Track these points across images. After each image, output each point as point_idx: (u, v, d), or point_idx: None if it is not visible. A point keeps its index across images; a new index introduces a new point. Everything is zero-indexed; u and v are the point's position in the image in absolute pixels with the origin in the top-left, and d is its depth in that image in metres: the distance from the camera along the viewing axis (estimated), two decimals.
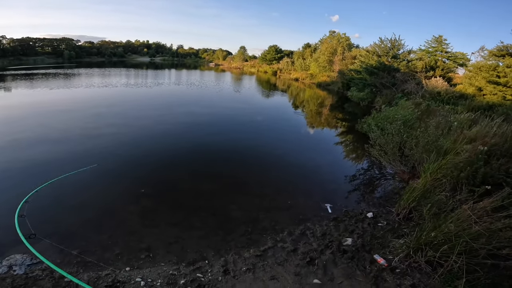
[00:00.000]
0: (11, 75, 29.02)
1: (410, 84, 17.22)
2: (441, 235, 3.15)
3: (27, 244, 2.75)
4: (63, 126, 10.38)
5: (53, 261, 3.62)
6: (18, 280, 3.27)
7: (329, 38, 36.37)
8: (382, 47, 22.12)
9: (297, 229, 4.61)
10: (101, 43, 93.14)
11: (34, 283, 3.24)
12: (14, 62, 51.72)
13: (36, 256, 2.68)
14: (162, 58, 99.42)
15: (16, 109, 13.08)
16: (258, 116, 14.65)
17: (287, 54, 53.62)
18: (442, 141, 6.09)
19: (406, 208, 4.60)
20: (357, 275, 3.42)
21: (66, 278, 3.32)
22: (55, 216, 4.84)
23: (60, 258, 3.75)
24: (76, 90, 19.98)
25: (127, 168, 7.03)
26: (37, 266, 3.56)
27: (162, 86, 25.04)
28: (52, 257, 3.74)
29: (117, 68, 48.06)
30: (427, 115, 10.58)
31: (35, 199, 4.82)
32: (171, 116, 13.34)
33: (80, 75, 31.69)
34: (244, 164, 7.82)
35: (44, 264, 3.57)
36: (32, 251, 2.85)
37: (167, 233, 4.45)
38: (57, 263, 3.60)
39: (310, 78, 35.33)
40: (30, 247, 2.61)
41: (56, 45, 73.09)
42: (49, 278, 3.32)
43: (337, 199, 5.83)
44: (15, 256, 3.70)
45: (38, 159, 7.16)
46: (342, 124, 14.03)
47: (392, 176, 7.13)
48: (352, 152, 9.56)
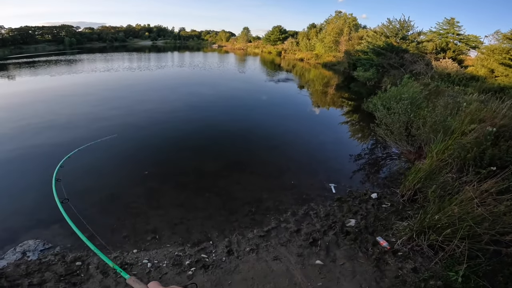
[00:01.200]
0: (13, 64, 28.92)
1: (419, 65, 16.74)
2: (445, 218, 3.08)
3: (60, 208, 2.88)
4: (68, 111, 10.41)
5: (64, 246, 3.77)
6: (32, 266, 3.36)
7: (335, 19, 35.09)
8: (390, 28, 21.44)
9: (300, 210, 4.62)
10: (101, 29, 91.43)
11: (47, 268, 3.33)
12: (15, 51, 51.33)
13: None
14: (164, 41, 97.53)
15: (19, 97, 13.12)
16: (262, 95, 14.48)
17: (291, 34, 51.98)
18: (450, 121, 5.92)
19: (411, 190, 4.52)
20: (359, 257, 3.43)
21: (78, 261, 3.43)
22: None
23: (70, 242, 3.83)
24: (79, 76, 19.87)
25: (131, 151, 7.06)
26: (49, 251, 3.66)
27: (165, 69, 24.77)
28: (63, 241, 3.85)
29: (119, 52, 47.45)
30: (435, 96, 10.28)
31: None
32: (175, 97, 13.27)
33: (83, 61, 31.44)
34: (248, 144, 7.80)
35: (56, 248, 3.70)
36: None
37: (172, 214, 4.50)
38: (67, 248, 3.73)
39: (315, 58, 34.48)
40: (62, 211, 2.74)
41: (56, 32, 71.99)
42: (62, 262, 3.42)
43: (341, 178, 5.79)
44: (28, 242, 3.80)
45: (43, 145, 7.24)
46: (348, 103, 13.79)
47: (398, 156, 7.04)
48: (357, 132, 9.44)
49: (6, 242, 3.81)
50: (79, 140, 7.52)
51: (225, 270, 3.30)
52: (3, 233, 4.01)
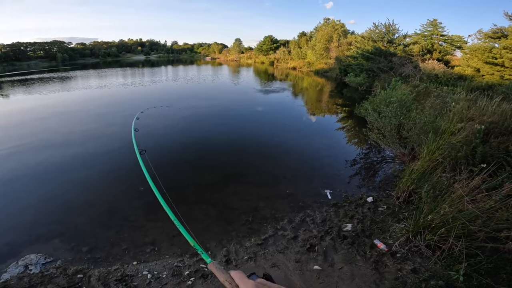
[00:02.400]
0: (7, 82, 28.90)
1: (408, 68, 17.15)
2: (438, 218, 3.11)
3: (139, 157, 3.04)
4: (65, 129, 10.42)
5: (65, 259, 3.80)
6: (35, 278, 3.39)
7: (324, 26, 35.86)
8: (376, 32, 22.05)
9: (297, 217, 4.65)
10: (93, 44, 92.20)
11: (49, 281, 3.35)
12: (8, 68, 51.35)
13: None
14: (157, 55, 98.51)
15: (15, 116, 13.10)
16: (257, 106, 14.59)
17: (283, 43, 52.92)
18: (439, 121, 6.06)
19: (405, 191, 4.58)
20: (358, 260, 3.45)
21: (79, 274, 3.46)
22: (64, 216, 4.93)
23: (71, 255, 3.89)
24: (74, 93, 19.92)
25: (126, 166, 7.05)
26: (51, 265, 3.69)
27: (159, 84, 24.88)
28: (64, 254, 3.90)
29: (113, 68, 47.68)
30: (424, 97, 10.51)
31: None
32: (169, 111, 13.30)
33: (76, 78, 31.49)
34: (243, 155, 7.83)
35: (57, 262, 3.74)
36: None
37: (170, 226, 4.46)
38: (68, 261, 3.77)
39: (307, 66, 35.05)
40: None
41: (48, 48, 72.30)
42: (63, 275, 3.45)
43: (337, 184, 5.84)
44: (30, 256, 3.83)
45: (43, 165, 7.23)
46: (342, 109, 13.98)
47: (392, 159, 7.13)
48: (352, 137, 9.55)
49: (8, 256, 3.85)
50: (77, 157, 7.59)
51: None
52: (5, 247, 4.05)
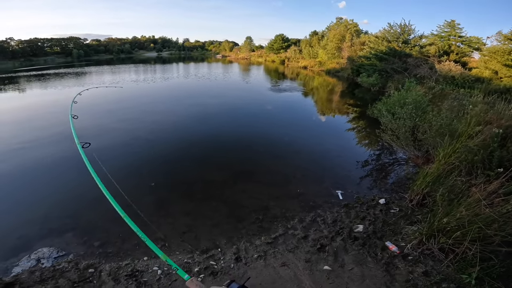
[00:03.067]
0: (24, 77, 29.76)
1: (423, 69, 16.73)
2: (454, 221, 3.06)
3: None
4: (78, 124, 10.59)
5: (77, 253, 3.85)
6: (46, 272, 3.43)
7: (336, 25, 35.36)
8: (391, 32, 21.58)
9: (307, 216, 4.62)
10: (108, 41, 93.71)
11: (61, 275, 3.39)
12: (25, 63, 52.71)
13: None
14: (169, 52, 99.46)
15: (29, 110, 13.49)
16: (267, 105, 14.56)
17: (294, 42, 52.49)
18: (456, 124, 5.90)
19: (419, 194, 4.50)
20: (368, 262, 3.42)
21: (91, 268, 3.49)
22: (77, 210, 5.04)
23: (83, 249, 3.94)
24: (89, 88, 20.30)
25: (137, 162, 7.17)
26: (63, 259, 3.73)
27: (170, 80, 25.15)
28: (76, 249, 3.95)
29: (126, 64, 48.46)
30: (440, 99, 10.26)
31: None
32: (180, 108, 13.47)
33: (91, 73, 32.19)
34: (253, 153, 7.84)
35: (69, 256, 3.78)
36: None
37: (181, 222, 4.56)
38: (80, 255, 3.82)
39: (318, 65, 34.66)
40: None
41: (64, 44, 73.90)
42: (75, 269, 3.49)
43: (348, 185, 5.77)
44: (42, 250, 3.89)
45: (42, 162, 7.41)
46: (353, 110, 13.78)
47: (405, 161, 7.00)
48: (363, 138, 9.42)
49: (21, 249, 3.91)
50: (90, 152, 7.74)
51: (233, 276, 3.31)
52: (18, 241, 4.11)
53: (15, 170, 6.62)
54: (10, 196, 5.56)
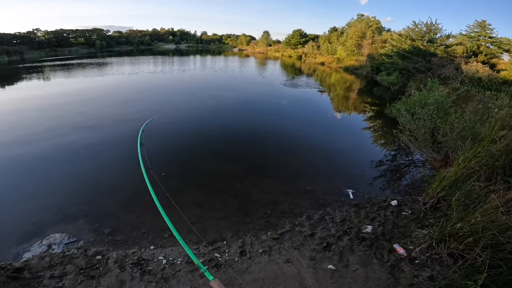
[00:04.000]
0: (49, 66, 30.98)
1: (448, 69, 15.99)
2: (468, 227, 2.97)
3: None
4: (98, 113, 11.04)
5: (87, 240, 3.95)
6: (56, 258, 3.51)
7: (357, 22, 34.38)
8: (416, 31, 20.74)
9: (316, 214, 4.57)
10: (129, 32, 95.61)
11: (69, 261, 3.48)
12: (51, 53, 54.70)
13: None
14: (187, 45, 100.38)
15: (56, 98, 14.06)
16: (282, 100, 14.46)
17: (312, 38, 51.49)
18: (479, 127, 5.61)
19: (434, 198, 4.34)
20: (374, 263, 3.34)
21: (98, 256, 3.56)
22: (91, 197, 5.22)
23: (93, 236, 4.04)
24: (109, 78, 21.03)
25: (152, 151, 7.31)
26: (73, 245, 3.82)
27: (187, 72, 25.47)
28: (87, 235, 4.05)
29: (145, 56, 49.44)
30: (464, 101, 9.78)
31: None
32: (195, 100, 13.62)
33: (112, 64, 33.10)
34: (266, 147, 7.82)
35: (79, 242, 3.87)
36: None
37: (190, 213, 4.56)
38: (90, 242, 3.91)
39: (337, 62, 33.93)
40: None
41: (88, 35, 75.88)
42: (83, 256, 3.57)
43: (360, 184, 5.65)
44: (55, 235, 3.99)
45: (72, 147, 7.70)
46: (370, 108, 13.42)
47: (422, 163, 6.76)
48: (379, 137, 9.17)
49: (34, 235, 4.03)
50: (106, 140, 7.99)
51: (237, 270, 3.33)
52: (32, 226, 4.24)
53: (38, 155, 6.93)
54: (34, 180, 5.78)
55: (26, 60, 41.17)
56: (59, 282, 3.11)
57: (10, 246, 3.81)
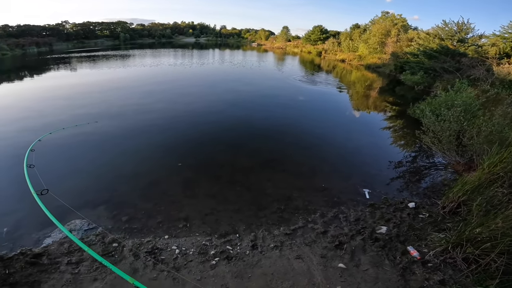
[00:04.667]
0: (76, 57, 32.25)
1: (478, 70, 15.16)
2: (487, 232, 2.90)
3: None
4: (120, 102, 11.47)
5: (105, 227, 4.05)
6: (74, 245, 3.58)
7: (381, 19, 33.20)
8: (446, 30, 19.77)
9: (330, 212, 4.54)
10: (151, 25, 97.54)
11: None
12: (78, 45, 56.95)
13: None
14: (206, 38, 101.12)
15: (79, 87, 14.68)
16: (300, 95, 14.32)
17: (333, 34, 50.21)
18: (508, 132, 5.32)
19: (454, 202, 4.19)
20: (385, 264, 3.30)
21: (115, 243, 3.65)
22: (112, 183, 5.44)
23: (112, 223, 4.18)
24: (132, 69, 21.72)
25: (171, 142, 7.52)
26: (92, 232, 3.94)
27: (206, 66, 25.74)
28: (106, 222, 4.18)
29: (166, 48, 50.35)
30: (494, 104, 9.26)
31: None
32: (213, 93, 13.81)
33: (135, 56, 33.99)
34: (282, 142, 7.81)
35: (98, 229, 3.96)
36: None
37: (204, 204, 4.70)
38: (108, 229, 4.02)
39: (358, 59, 33.06)
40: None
41: (113, 28, 78.06)
42: (101, 243, 3.68)
43: (377, 185, 5.53)
44: (75, 221, 4.12)
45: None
46: (391, 108, 13.00)
47: (444, 166, 6.51)
48: (400, 138, 8.90)
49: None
50: (128, 129, 8.28)
51: (247, 263, 3.37)
52: (55, 210, 4.30)
53: (65, 141, 7.26)
54: (60, 164, 6.08)
55: (54, 51, 43.13)
56: (76, 269, 3.21)
57: (32, 231, 3.95)
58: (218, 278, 3.14)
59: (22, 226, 4.08)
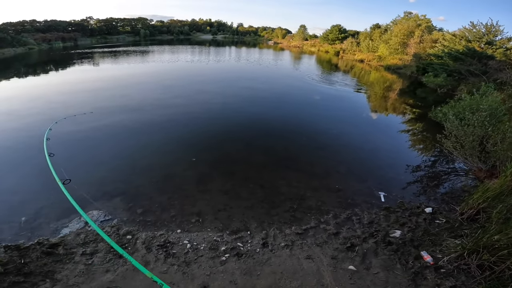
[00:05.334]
0: (98, 52, 33.33)
1: (506, 74, 14.42)
2: (505, 239, 2.84)
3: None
4: (139, 96, 11.80)
5: (121, 219, 4.15)
6: (90, 235, 3.71)
7: (404, 19, 32.22)
8: (473, 32, 18.94)
9: (343, 213, 4.49)
10: (170, 22, 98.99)
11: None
12: (101, 41, 58.88)
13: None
14: (223, 35, 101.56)
15: (100, 81, 15.16)
16: (315, 95, 14.16)
17: (352, 34, 49.04)
18: None
19: (473, 208, 4.07)
20: (397, 268, 3.24)
21: (129, 235, 3.73)
22: (129, 176, 5.61)
23: (127, 215, 4.26)
24: (151, 65, 22.24)
25: (187, 137, 7.65)
26: (108, 223, 4.04)
27: (222, 63, 25.95)
28: (121, 214, 4.27)
29: (184, 45, 51.03)
30: None
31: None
32: (229, 90, 13.91)
33: (154, 52, 34.71)
34: (297, 141, 7.77)
35: (114, 220, 4.08)
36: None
37: (217, 200, 4.74)
38: (123, 221, 4.12)
39: (377, 60, 32.21)
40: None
41: (134, 24, 79.96)
42: (115, 234, 3.78)
43: (393, 188, 5.41)
44: (93, 212, 4.23)
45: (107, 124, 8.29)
46: (411, 110, 12.58)
47: (465, 172, 6.28)
48: (419, 142, 8.62)
49: (74, 210, 4.10)
50: (147, 123, 8.49)
51: (257, 261, 3.39)
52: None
53: (86, 133, 7.56)
54: (79, 157, 6.30)
55: (79, 46, 44.78)
56: (89, 260, 3.31)
57: (51, 220, 4.08)
58: (227, 274, 3.17)
59: (41, 215, 4.20)
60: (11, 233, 3.79)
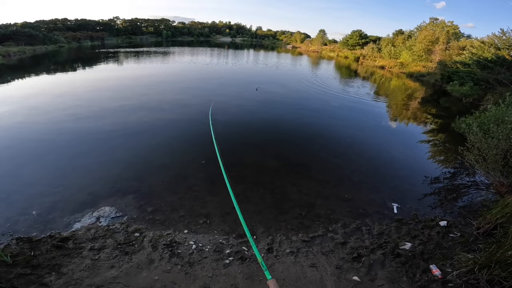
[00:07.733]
0: (123, 52, 34.67)
1: None
2: None
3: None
4: (159, 96, 12.17)
5: (131, 216, 4.24)
6: (100, 231, 3.81)
7: (429, 25, 31.14)
8: (503, 39, 18.04)
9: (352, 223, 4.39)
10: (191, 24, 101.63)
11: (111, 235, 3.76)
12: (126, 40, 61.31)
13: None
14: (242, 38, 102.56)
15: (124, 80, 15.75)
16: (333, 102, 13.94)
17: (373, 40, 48.01)
18: None
19: (491, 223, 3.89)
20: (403, 281, 3.14)
21: (136, 233, 3.81)
22: (140, 175, 5.75)
23: (137, 213, 4.36)
24: (171, 66, 22.99)
25: (202, 138, 7.73)
26: (118, 220, 4.13)
27: (240, 66, 26.26)
28: (132, 212, 4.37)
29: (203, 47, 52.03)
30: None
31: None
32: (246, 93, 14.00)
33: (174, 53, 35.67)
34: (311, 148, 7.67)
35: (124, 218, 4.16)
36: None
37: (226, 202, 4.70)
38: (133, 218, 4.20)
39: (399, 66, 31.30)
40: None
41: (157, 25, 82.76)
42: (124, 231, 3.87)
43: (407, 200, 5.24)
44: (105, 208, 4.34)
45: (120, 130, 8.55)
46: (433, 120, 12.09)
47: (486, 186, 5.97)
48: (439, 153, 8.27)
49: (88, 205, 4.43)
50: (164, 122, 8.72)
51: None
52: (88, 196, 4.69)
53: (104, 129, 7.86)
54: (97, 152, 6.55)
55: (105, 45, 46.70)
56: (96, 255, 3.39)
57: (64, 214, 4.22)
58: (229, 278, 3.18)
59: (56, 209, 4.34)
60: (25, 225, 3.95)
